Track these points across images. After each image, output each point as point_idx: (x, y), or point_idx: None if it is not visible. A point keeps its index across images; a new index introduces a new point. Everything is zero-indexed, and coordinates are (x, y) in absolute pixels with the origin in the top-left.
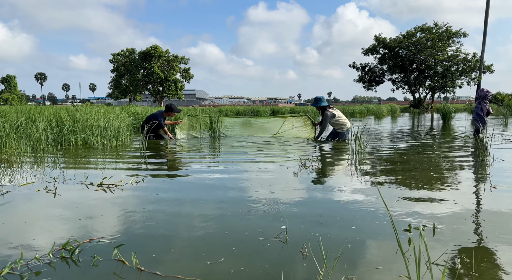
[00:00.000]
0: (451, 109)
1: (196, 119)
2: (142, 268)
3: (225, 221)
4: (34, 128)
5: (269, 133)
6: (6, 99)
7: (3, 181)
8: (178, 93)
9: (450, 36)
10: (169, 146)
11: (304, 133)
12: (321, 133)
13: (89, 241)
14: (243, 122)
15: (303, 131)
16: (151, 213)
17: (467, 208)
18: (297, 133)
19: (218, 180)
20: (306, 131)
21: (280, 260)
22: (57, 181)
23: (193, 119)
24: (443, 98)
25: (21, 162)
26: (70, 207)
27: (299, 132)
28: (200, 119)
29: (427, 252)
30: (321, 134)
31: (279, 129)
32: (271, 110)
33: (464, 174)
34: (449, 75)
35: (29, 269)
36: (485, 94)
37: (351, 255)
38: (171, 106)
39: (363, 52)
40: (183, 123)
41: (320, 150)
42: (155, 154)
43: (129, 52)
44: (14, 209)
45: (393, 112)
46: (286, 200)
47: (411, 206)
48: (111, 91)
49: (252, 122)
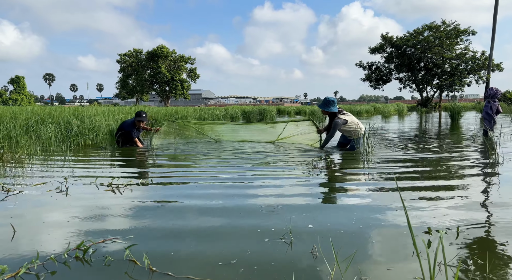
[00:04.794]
0: (459, 107)
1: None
2: (153, 268)
3: (238, 222)
4: (44, 129)
5: (269, 138)
6: (15, 100)
7: (16, 182)
8: (184, 93)
9: (458, 34)
10: (178, 150)
11: (308, 140)
12: (328, 141)
13: (103, 242)
14: (234, 129)
15: (306, 137)
16: (161, 214)
17: (477, 209)
18: (301, 139)
19: (227, 179)
20: (310, 136)
21: (290, 262)
22: (68, 181)
23: (172, 124)
24: (451, 97)
25: (31, 162)
26: (81, 208)
27: (303, 138)
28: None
29: (443, 254)
30: (327, 142)
31: (280, 134)
32: (277, 109)
33: (474, 175)
34: (457, 74)
35: (45, 269)
36: (495, 93)
37: (362, 255)
38: (140, 112)
39: (370, 50)
40: (162, 131)
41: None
42: (163, 155)
43: (136, 53)
44: (28, 210)
45: (401, 111)
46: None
47: (424, 207)
48: (118, 91)
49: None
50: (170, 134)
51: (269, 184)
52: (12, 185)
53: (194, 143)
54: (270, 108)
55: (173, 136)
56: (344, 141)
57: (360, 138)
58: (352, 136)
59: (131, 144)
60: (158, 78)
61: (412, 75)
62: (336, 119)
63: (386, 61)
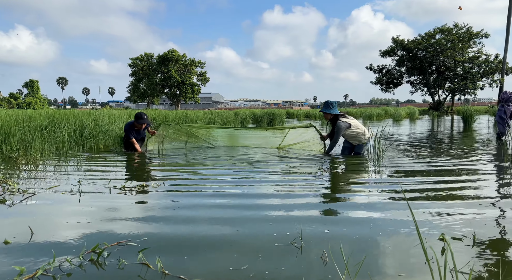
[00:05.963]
0: (472, 111)
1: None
2: (166, 271)
3: (249, 228)
4: (57, 132)
5: (270, 145)
6: (29, 103)
7: (31, 184)
8: (194, 97)
9: (471, 37)
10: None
11: (311, 147)
12: (332, 147)
13: (117, 244)
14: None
15: (309, 144)
16: (172, 218)
17: (491, 215)
18: (304, 147)
19: (235, 186)
20: (313, 143)
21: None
22: (81, 184)
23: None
24: (464, 100)
25: (45, 165)
26: (95, 210)
27: (306, 145)
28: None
29: (453, 260)
30: (331, 149)
31: (282, 141)
32: (287, 113)
33: (487, 180)
34: (470, 77)
35: (61, 271)
36: (508, 97)
37: (373, 262)
38: (138, 114)
39: (381, 54)
40: (158, 135)
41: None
42: (173, 157)
43: (147, 57)
44: (43, 212)
45: (412, 114)
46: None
47: (438, 214)
48: (130, 94)
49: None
50: (166, 138)
51: (277, 190)
52: (28, 188)
53: (192, 148)
54: (279, 112)
55: (169, 140)
56: (349, 145)
57: (365, 143)
58: (356, 142)
59: (131, 147)
60: (169, 81)
61: (423, 78)
62: (338, 123)
63: (397, 64)
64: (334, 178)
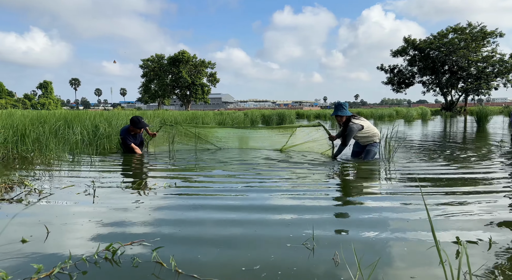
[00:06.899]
0: (486, 111)
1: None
2: (179, 270)
3: (261, 229)
4: (71, 132)
5: (276, 145)
6: (43, 104)
7: (46, 184)
8: (204, 97)
9: (485, 36)
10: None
11: (319, 148)
12: (341, 150)
13: (131, 244)
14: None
15: (317, 145)
16: (186, 218)
17: (508, 219)
18: (311, 147)
19: (245, 188)
20: (321, 143)
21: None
22: (95, 184)
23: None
24: (477, 100)
25: (60, 165)
26: (109, 210)
27: (313, 146)
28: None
29: (468, 263)
30: (340, 151)
31: (287, 141)
32: (297, 113)
33: (502, 183)
34: (484, 77)
35: (77, 269)
36: None
37: (386, 263)
38: (134, 119)
39: (392, 53)
40: (158, 136)
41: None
42: (183, 159)
43: (158, 58)
44: (59, 211)
45: (424, 115)
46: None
47: (453, 217)
48: (141, 95)
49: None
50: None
51: (288, 193)
52: (43, 188)
53: (199, 150)
54: (289, 112)
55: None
56: (358, 149)
57: (377, 143)
58: (367, 142)
59: (131, 152)
60: (179, 82)
61: (436, 78)
62: (351, 124)
63: (408, 64)
64: (345, 181)
